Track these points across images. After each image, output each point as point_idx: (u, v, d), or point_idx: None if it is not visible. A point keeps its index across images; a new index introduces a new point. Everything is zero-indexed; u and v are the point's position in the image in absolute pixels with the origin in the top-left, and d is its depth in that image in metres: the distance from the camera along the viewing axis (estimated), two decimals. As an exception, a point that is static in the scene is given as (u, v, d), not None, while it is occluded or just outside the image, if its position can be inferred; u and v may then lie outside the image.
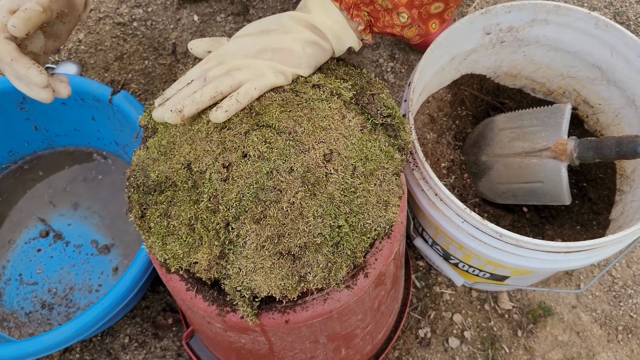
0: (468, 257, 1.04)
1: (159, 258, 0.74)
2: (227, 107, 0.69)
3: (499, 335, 1.20)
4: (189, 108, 0.69)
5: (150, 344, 1.20)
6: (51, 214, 1.30)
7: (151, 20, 1.55)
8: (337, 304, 0.75)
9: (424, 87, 1.09)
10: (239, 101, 0.70)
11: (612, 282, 1.25)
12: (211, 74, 0.72)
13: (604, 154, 0.95)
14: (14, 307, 1.22)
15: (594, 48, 1.07)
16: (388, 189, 0.74)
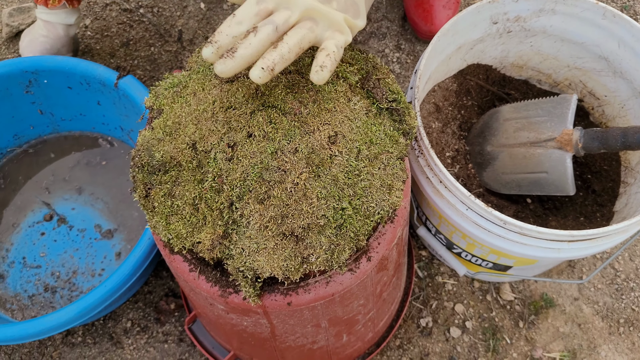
0: (471, 246, 1.04)
1: (163, 238, 0.74)
2: (331, 66, 0.62)
3: (501, 325, 1.20)
4: (279, 65, 0.60)
5: (153, 328, 1.20)
6: (55, 198, 1.30)
7: (158, 7, 1.55)
8: (339, 287, 0.75)
9: (430, 75, 1.09)
10: (336, 60, 0.62)
11: (614, 275, 1.25)
12: (281, 21, 0.61)
13: (610, 144, 0.95)
14: (17, 289, 1.22)
15: (601, 39, 1.07)
16: (392, 173, 0.74)
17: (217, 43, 0.61)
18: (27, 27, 1.43)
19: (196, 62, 0.81)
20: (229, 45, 0.61)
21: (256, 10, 0.61)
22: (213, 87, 0.75)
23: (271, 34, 0.60)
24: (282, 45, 0.60)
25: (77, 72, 1.17)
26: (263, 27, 0.60)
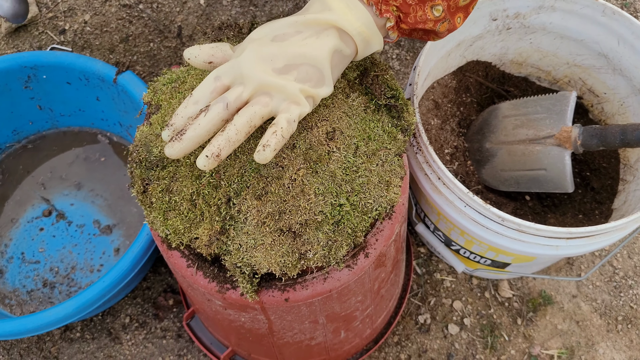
0: (469, 243, 1.04)
1: (160, 233, 0.74)
2: (275, 145, 0.60)
3: (499, 322, 1.20)
4: (226, 150, 0.59)
5: (151, 324, 1.21)
6: (54, 193, 1.30)
7: (157, 3, 1.54)
8: (336, 283, 0.75)
9: (429, 72, 1.09)
10: (284, 137, 0.60)
11: (613, 273, 1.25)
12: (232, 98, 0.60)
13: (608, 141, 0.95)
14: (16, 285, 1.22)
15: (601, 36, 1.07)
16: (390, 169, 0.74)
17: (173, 126, 0.61)
18: (28, 22, 1.42)
19: (194, 57, 0.81)
20: (182, 126, 0.60)
21: (212, 87, 0.61)
22: (211, 83, 0.75)
23: (221, 112, 0.59)
24: (229, 128, 0.59)
25: (76, 68, 1.17)
26: (214, 105, 0.59)
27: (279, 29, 0.62)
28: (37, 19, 1.51)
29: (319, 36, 0.61)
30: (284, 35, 0.62)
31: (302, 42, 0.61)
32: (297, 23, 0.62)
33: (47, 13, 1.53)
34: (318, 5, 0.62)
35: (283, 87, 0.60)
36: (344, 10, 0.61)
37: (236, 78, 0.61)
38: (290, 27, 0.62)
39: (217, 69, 0.62)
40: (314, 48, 0.61)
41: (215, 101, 0.60)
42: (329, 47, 0.61)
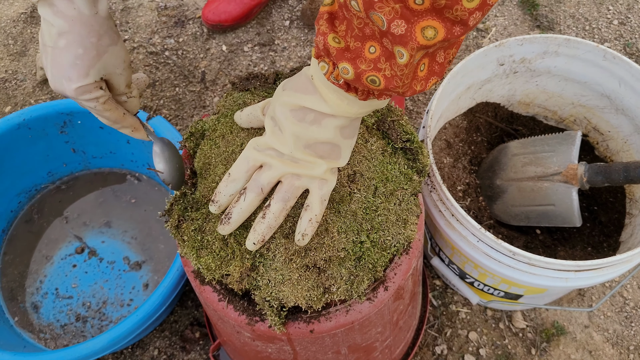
0: (483, 276, 1.09)
1: (194, 267, 0.80)
2: (312, 232, 0.71)
3: (513, 353, 1.24)
4: (269, 234, 0.71)
5: (178, 356, 1.26)
6: (86, 231, 1.37)
7: (182, 50, 1.63)
8: (358, 315, 0.80)
9: (441, 114, 1.15)
10: (318, 222, 0.71)
11: (623, 303, 1.29)
12: (265, 182, 0.69)
13: (613, 178, 1.00)
14: (50, 319, 1.28)
15: (603, 78, 1.13)
16: (407, 208, 0.80)
17: (218, 202, 0.72)
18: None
19: (224, 106, 0.88)
20: (227, 203, 0.72)
21: (246, 168, 0.70)
22: (241, 130, 0.81)
23: (257, 196, 0.70)
24: (269, 215, 0.70)
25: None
26: (250, 192, 0.70)
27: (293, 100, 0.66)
28: (69, 67, 1.60)
29: (321, 124, 0.67)
30: (300, 112, 0.67)
31: (312, 129, 0.67)
32: (305, 109, 0.66)
33: (79, 60, 1.62)
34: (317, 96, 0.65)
35: (309, 167, 0.69)
36: (337, 102, 0.64)
37: (266, 163, 0.70)
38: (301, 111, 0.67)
39: (247, 151, 0.71)
40: (325, 132, 0.67)
41: (251, 188, 0.70)
42: (336, 127, 0.67)
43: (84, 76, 0.66)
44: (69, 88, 0.66)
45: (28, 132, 1.27)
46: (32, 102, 1.58)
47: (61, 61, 0.65)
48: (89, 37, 0.65)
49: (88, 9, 0.64)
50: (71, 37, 0.64)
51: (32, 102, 1.58)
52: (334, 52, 0.56)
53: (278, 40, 1.65)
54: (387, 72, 0.54)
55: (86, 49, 0.65)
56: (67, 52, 0.64)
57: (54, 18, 0.63)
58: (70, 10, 0.63)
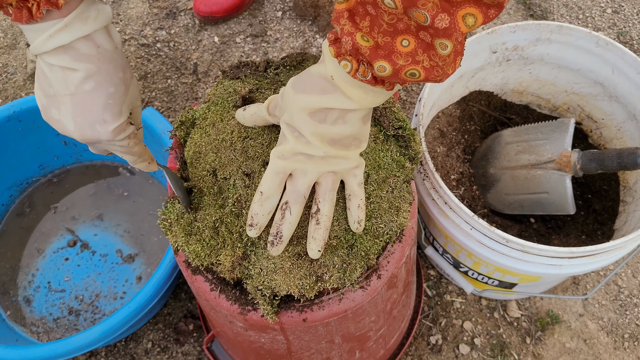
0: (477, 265, 1.09)
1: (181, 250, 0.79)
2: (363, 216, 0.72)
3: (508, 342, 1.24)
4: (327, 236, 0.70)
5: (172, 349, 1.25)
6: (78, 224, 1.36)
7: (174, 42, 1.62)
8: (351, 304, 0.80)
9: (433, 102, 1.15)
10: (365, 204, 0.73)
11: (618, 292, 1.29)
12: (304, 189, 0.68)
13: (606, 165, 1.00)
14: (43, 313, 1.28)
15: (596, 65, 1.13)
16: (399, 195, 0.79)
17: (258, 225, 0.69)
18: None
19: (214, 94, 0.87)
20: (266, 222, 0.69)
21: (278, 182, 0.68)
22: (231, 118, 0.81)
23: (302, 206, 0.68)
24: (323, 219, 0.69)
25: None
26: (294, 205, 0.68)
27: (312, 104, 0.64)
28: (60, 59, 1.59)
29: (345, 120, 0.65)
30: (321, 114, 0.65)
31: (337, 127, 0.65)
32: (325, 110, 0.64)
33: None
34: (339, 94, 0.63)
35: (345, 158, 0.68)
36: (363, 97, 0.63)
37: (297, 167, 0.67)
38: (321, 113, 0.65)
39: (274, 163, 0.68)
40: (350, 126, 0.66)
41: (294, 200, 0.68)
42: (360, 118, 0.66)
43: (119, 115, 0.63)
44: (105, 131, 0.63)
45: (18, 125, 1.26)
46: (23, 95, 1.57)
47: (91, 106, 0.61)
48: (117, 73, 0.62)
49: (110, 44, 0.61)
50: (100, 77, 0.60)
51: (23, 94, 1.57)
52: (366, 51, 0.55)
53: (270, 32, 1.64)
54: (426, 64, 0.54)
55: (117, 86, 0.62)
56: (97, 94, 0.61)
57: (75, 63, 0.58)
58: (94, 50, 0.59)
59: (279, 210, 0.69)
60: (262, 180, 0.69)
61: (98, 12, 0.59)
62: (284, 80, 0.87)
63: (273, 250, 0.70)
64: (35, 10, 0.54)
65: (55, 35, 0.56)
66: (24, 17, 0.54)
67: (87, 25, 0.58)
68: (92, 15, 0.58)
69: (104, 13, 0.59)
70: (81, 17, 0.57)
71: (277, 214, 0.69)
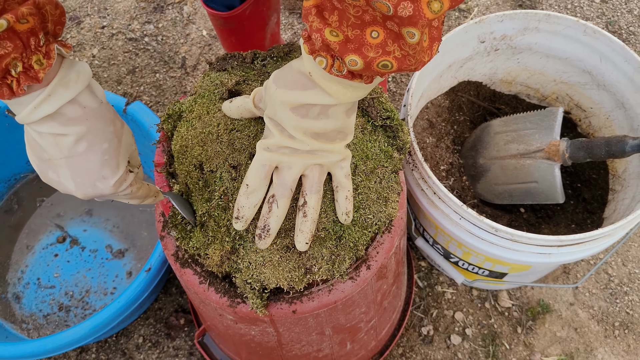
0: (467, 255, 1.09)
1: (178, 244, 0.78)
2: (351, 207, 0.72)
3: (500, 332, 1.24)
4: (314, 228, 0.70)
5: (163, 343, 1.25)
6: (68, 220, 1.35)
7: (162, 36, 1.61)
8: (341, 295, 0.80)
9: (422, 93, 1.14)
10: (352, 195, 0.73)
11: (608, 280, 1.29)
12: (290, 182, 0.68)
13: (594, 153, 1.00)
14: (33, 309, 1.27)
15: (584, 54, 1.13)
16: (387, 186, 0.79)
17: (244, 217, 0.69)
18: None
19: (201, 86, 0.86)
20: (252, 215, 0.69)
21: (264, 174, 0.68)
22: (218, 111, 0.80)
23: (289, 199, 0.69)
24: (310, 212, 0.69)
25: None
26: (281, 198, 0.68)
27: (293, 99, 0.64)
28: (47, 54, 1.58)
29: (327, 115, 0.65)
30: (302, 109, 0.64)
31: (320, 122, 0.65)
32: (307, 105, 0.64)
33: (56, 48, 1.59)
34: (319, 90, 0.63)
35: (330, 151, 0.68)
36: (342, 92, 0.62)
37: (282, 160, 0.67)
38: (303, 108, 0.64)
39: (260, 155, 0.67)
40: (333, 120, 0.65)
41: (281, 193, 0.68)
42: (342, 112, 0.66)
43: (117, 168, 0.63)
44: (106, 187, 0.63)
45: (5, 120, 1.25)
46: (10, 91, 1.55)
47: (88, 165, 0.61)
48: (107, 128, 0.62)
49: (94, 101, 0.60)
50: (92, 136, 0.60)
51: (10, 91, 1.55)
52: (335, 47, 0.54)
53: (259, 24, 1.63)
54: (398, 54, 0.53)
55: (110, 141, 0.62)
56: (91, 154, 0.61)
57: (65, 128, 0.58)
58: (80, 111, 0.59)
59: (265, 204, 0.69)
60: (248, 173, 0.68)
61: (78, 74, 0.58)
62: (271, 72, 0.87)
63: (261, 243, 0.70)
64: (16, 87, 0.53)
65: (40, 107, 0.55)
66: (5, 95, 0.53)
67: (70, 89, 0.57)
68: (72, 78, 0.57)
69: (84, 73, 0.58)
70: (62, 83, 0.56)
71: (264, 207, 0.69)
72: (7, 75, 0.52)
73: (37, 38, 0.53)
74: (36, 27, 0.52)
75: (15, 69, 0.52)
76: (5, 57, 0.50)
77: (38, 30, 0.53)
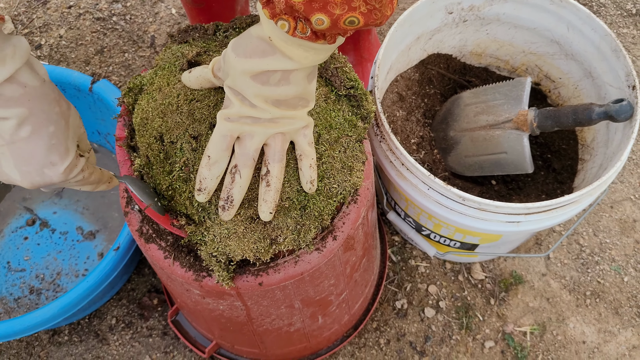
0: (438, 227, 1.09)
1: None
2: (315, 175, 0.72)
3: (473, 304, 1.25)
4: (277, 198, 0.69)
5: (137, 324, 1.24)
6: (37, 203, 1.33)
7: (130, 15, 1.59)
8: (307, 266, 0.79)
9: (391, 66, 1.14)
10: (316, 163, 0.72)
11: (579, 250, 1.30)
12: (253, 151, 0.66)
13: (562, 122, 1.00)
14: (3, 293, 1.25)
15: (551, 24, 1.12)
16: (352, 155, 0.79)
17: (207, 189, 0.68)
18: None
19: (162, 59, 0.85)
20: (215, 186, 0.68)
21: (225, 145, 0.66)
22: (178, 82, 0.79)
23: (251, 169, 0.67)
24: (273, 181, 0.68)
25: (52, 79, 1.21)
26: (243, 168, 0.67)
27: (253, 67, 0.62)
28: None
29: (289, 81, 0.64)
30: (263, 76, 0.63)
31: (281, 88, 0.64)
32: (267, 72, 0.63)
33: (23, 30, 1.56)
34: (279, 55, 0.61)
35: (292, 118, 0.67)
36: (304, 55, 0.61)
37: (244, 130, 0.66)
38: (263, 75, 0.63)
39: (221, 126, 0.66)
40: (294, 86, 0.64)
41: (243, 163, 0.66)
42: (304, 77, 0.65)
43: (66, 152, 0.58)
44: (56, 174, 0.58)
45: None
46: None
47: (33, 151, 0.56)
48: (52, 109, 0.57)
49: (36, 79, 0.55)
50: (35, 119, 0.55)
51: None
52: (300, 7, 0.53)
53: (229, 2, 1.61)
54: (363, 9, 0.53)
55: (56, 123, 0.57)
56: (37, 138, 0.55)
57: (4, 111, 0.52)
58: (21, 90, 0.53)
59: (228, 174, 0.68)
60: (209, 144, 0.67)
61: (15, 48, 0.52)
62: (232, 43, 0.85)
63: (224, 215, 0.69)
64: None
65: None
66: None
67: (7, 66, 0.51)
68: (8, 53, 0.51)
69: (21, 47, 0.53)
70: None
71: (226, 178, 0.68)
72: None
73: None
74: None
75: None
76: None
77: None
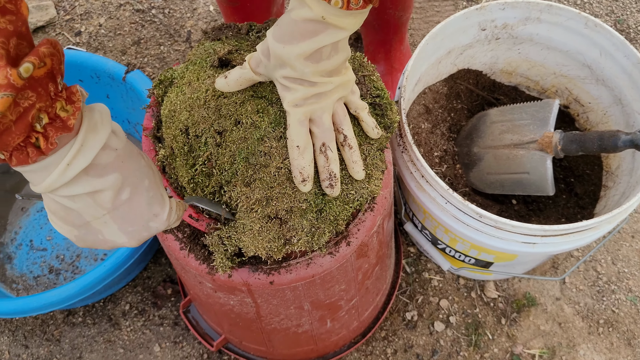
0: (454, 241, 1.09)
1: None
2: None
3: (484, 321, 1.25)
4: (362, 164, 0.75)
5: (150, 312, 1.26)
6: (63, 185, 1.36)
7: (169, 9, 1.62)
8: (319, 269, 0.80)
9: (419, 78, 1.14)
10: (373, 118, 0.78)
11: (596, 278, 1.29)
12: (329, 124, 0.71)
13: (587, 146, 1.00)
14: (23, 270, 1.29)
15: (584, 47, 1.12)
16: (372, 163, 0.79)
17: (309, 176, 0.71)
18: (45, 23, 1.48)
19: (194, 54, 0.87)
20: (313, 171, 0.71)
21: (305, 130, 0.70)
22: (207, 77, 0.81)
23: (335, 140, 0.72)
24: (352, 142, 0.74)
25: (88, 66, 1.24)
26: (331, 141, 0.71)
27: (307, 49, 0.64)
28: (55, 21, 1.59)
29: (337, 49, 0.67)
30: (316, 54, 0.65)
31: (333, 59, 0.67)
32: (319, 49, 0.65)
33: (65, 16, 1.60)
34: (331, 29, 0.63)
35: (347, 81, 0.71)
36: (353, 22, 0.64)
37: (314, 110, 0.69)
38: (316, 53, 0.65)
39: (294, 114, 0.69)
40: (342, 53, 0.68)
41: (329, 138, 0.71)
42: (347, 42, 0.68)
43: (162, 200, 0.59)
44: (160, 223, 0.59)
45: None
46: None
47: (136, 211, 0.55)
48: (140, 163, 0.56)
49: (121, 140, 0.53)
50: (131, 179, 0.54)
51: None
52: None
53: (266, 3, 1.63)
54: None
55: (148, 175, 0.57)
56: (137, 197, 0.55)
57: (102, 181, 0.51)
58: (113, 154, 0.51)
59: (319, 155, 0.71)
60: (291, 136, 0.70)
61: (101, 115, 0.51)
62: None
63: (334, 192, 0.73)
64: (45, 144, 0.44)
65: (75, 161, 0.48)
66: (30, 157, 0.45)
67: (100, 133, 0.50)
68: (97, 120, 0.50)
69: (105, 113, 0.52)
70: (90, 127, 0.49)
71: (319, 159, 0.71)
72: (31, 132, 0.44)
73: (55, 83, 0.45)
74: (55, 69, 0.44)
75: (40, 122, 0.44)
76: (30, 109, 0.42)
77: (56, 73, 0.45)
